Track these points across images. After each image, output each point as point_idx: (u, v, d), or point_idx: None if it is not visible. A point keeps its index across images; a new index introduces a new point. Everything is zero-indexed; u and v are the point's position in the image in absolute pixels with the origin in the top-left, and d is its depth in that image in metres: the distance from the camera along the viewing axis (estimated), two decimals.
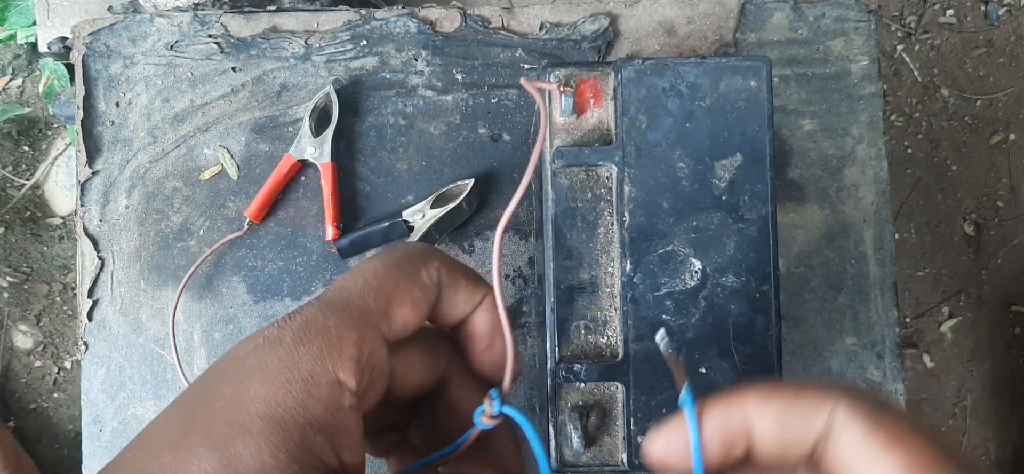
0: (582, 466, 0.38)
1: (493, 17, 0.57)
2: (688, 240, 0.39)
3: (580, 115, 0.41)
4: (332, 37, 0.57)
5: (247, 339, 0.28)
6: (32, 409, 1.34)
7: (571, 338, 0.40)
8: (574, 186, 0.40)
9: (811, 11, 0.58)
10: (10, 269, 1.34)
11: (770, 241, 0.39)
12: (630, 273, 0.39)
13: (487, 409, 0.31)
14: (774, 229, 0.39)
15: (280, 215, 0.56)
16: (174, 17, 0.57)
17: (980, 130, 1.49)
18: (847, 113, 0.57)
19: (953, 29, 1.50)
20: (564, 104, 0.40)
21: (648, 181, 0.39)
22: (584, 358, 0.39)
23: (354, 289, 0.29)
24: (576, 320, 0.40)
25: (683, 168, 0.39)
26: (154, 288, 0.56)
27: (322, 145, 0.55)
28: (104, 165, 0.56)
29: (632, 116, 0.39)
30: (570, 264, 0.40)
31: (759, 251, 0.39)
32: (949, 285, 1.47)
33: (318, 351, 0.27)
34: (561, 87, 0.40)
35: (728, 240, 0.39)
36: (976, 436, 1.45)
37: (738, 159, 0.39)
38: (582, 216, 0.40)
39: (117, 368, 0.55)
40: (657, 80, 0.39)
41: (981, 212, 1.48)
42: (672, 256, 0.39)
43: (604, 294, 0.40)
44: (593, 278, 0.40)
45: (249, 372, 0.27)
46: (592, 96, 0.41)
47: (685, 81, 0.39)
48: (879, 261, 0.57)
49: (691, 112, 0.39)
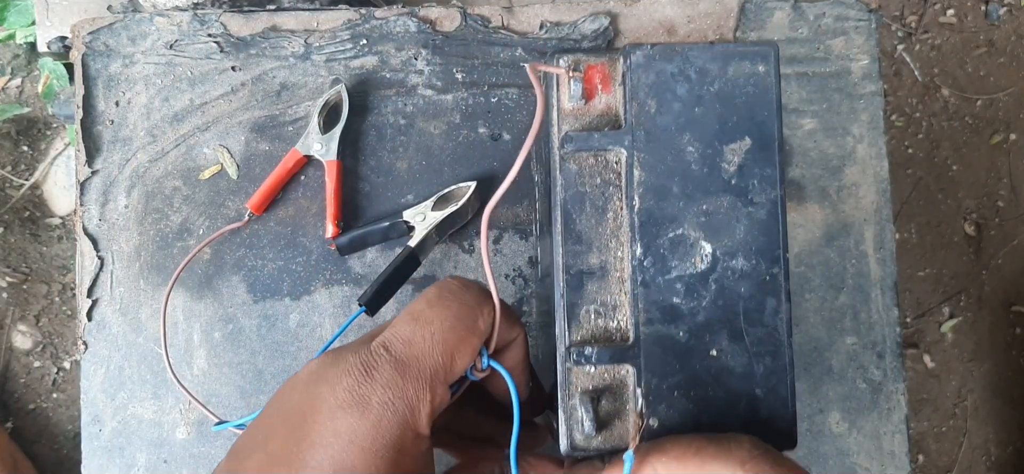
0: (593, 450, 0.38)
1: (493, 16, 0.57)
2: (698, 224, 0.39)
3: (589, 101, 0.41)
4: (332, 36, 0.57)
5: (327, 383, 0.31)
6: (31, 409, 1.34)
7: (581, 323, 0.40)
8: (583, 171, 0.40)
9: (811, 10, 0.57)
10: (9, 269, 1.34)
11: (779, 224, 0.39)
12: (640, 257, 0.39)
13: (477, 364, 0.36)
14: (783, 212, 0.39)
15: (280, 214, 0.56)
16: (173, 16, 0.57)
17: (981, 130, 1.49)
18: (848, 112, 0.57)
19: (954, 29, 1.50)
20: (573, 89, 0.41)
21: (657, 165, 0.39)
22: (594, 342, 0.39)
23: (423, 346, 0.33)
24: (586, 305, 0.40)
25: (692, 152, 0.39)
26: (153, 288, 0.55)
27: (329, 142, 0.54)
28: (103, 164, 0.56)
29: (641, 101, 0.39)
30: (580, 249, 0.40)
31: (768, 234, 0.39)
32: (949, 285, 1.47)
33: (403, 420, 0.30)
34: (569, 72, 0.40)
35: (738, 223, 0.39)
36: (976, 436, 1.45)
37: (747, 143, 0.39)
38: (591, 201, 0.40)
39: (116, 368, 0.55)
40: (666, 65, 0.39)
41: (982, 212, 1.48)
42: (682, 240, 0.39)
43: (614, 278, 0.40)
44: (603, 263, 0.40)
45: (340, 434, 0.29)
46: (600, 81, 0.41)
47: (694, 66, 0.39)
48: (880, 261, 0.56)
49: (700, 97, 0.39)
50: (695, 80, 0.39)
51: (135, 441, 0.55)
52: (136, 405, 0.55)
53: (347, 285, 0.55)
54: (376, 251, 0.56)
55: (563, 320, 0.40)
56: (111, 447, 0.55)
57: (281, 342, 0.55)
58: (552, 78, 0.42)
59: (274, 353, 0.55)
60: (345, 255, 0.55)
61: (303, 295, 0.55)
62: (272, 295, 0.55)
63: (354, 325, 0.55)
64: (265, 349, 0.55)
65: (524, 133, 0.56)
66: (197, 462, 0.54)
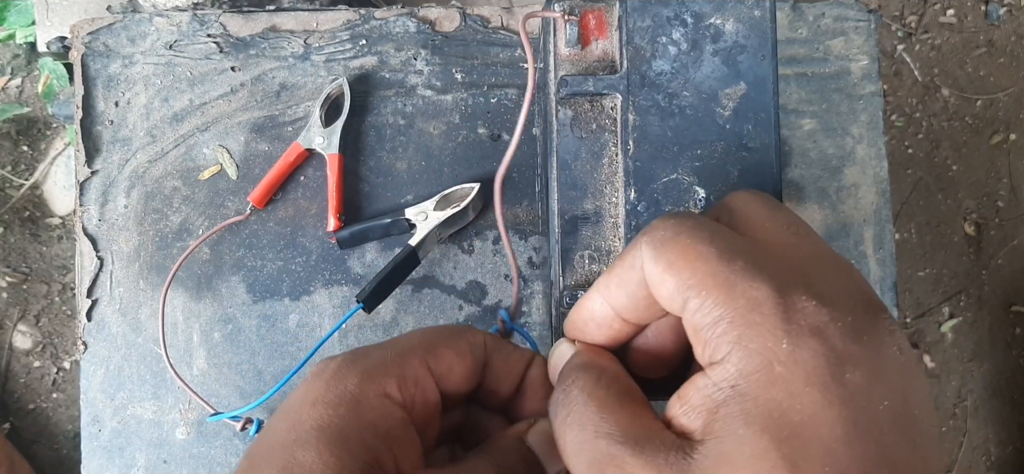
0: None
1: (492, 17, 0.57)
2: (692, 169, 0.39)
3: (585, 46, 0.41)
4: (331, 37, 0.57)
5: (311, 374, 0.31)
6: (31, 409, 1.34)
7: (576, 268, 0.40)
8: (579, 117, 0.40)
9: (811, 10, 0.57)
10: (9, 269, 1.34)
11: (775, 169, 0.39)
12: (634, 202, 0.39)
13: (499, 328, 0.37)
14: (778, 157, 0.39)
15: (280, 214, 0.56)
16: (173, 17, 0.57)
17: (980, 130, 1.49)
18: (847, 113, 0.57)
19: (954, 29, 1.50)
20: (569, 33, 0.41)
21: (652, 110, 0.39)
22: (588, 286, 0.39)
23: (398, 338, 0.32)
24: (581, 250, 0.40)
25: (687, 97, 0.39)
26: (153, 288, 0.55)
27: (331, 136, 0.54)
28: (103, 165, 0.56)
29: (637, 45, 0.39)
30: (574, 194, 0.40)
31: (763, 179, 0.39)
32: (949, 285, 1.47)
33: (361, 373, 0.29)
34: (565, 16, 0.40)
35: (732, 168, 0.39)
36: (976, 436, 1.45)
37: (742, 87, 0.39)
38: (587, 146, 0.40)
39: (116, 368, 0.55)
40: (662, 9, 0.39)
41: (981, 212, 1.48)
42: (676, 185, 0.39)
43: (608, 224, 0.40)
44: (597, 208, 0.40)
45: (299, 404, 0.29)
46: (596, 26, 0.41)
47: (689, 10, 0.39)
48: (879, 261, 0.56)
49: (695, 41, 0.39)
50: (691, 24, 0.39)
51: (135, 441, 0.55)
52: (136, 405, 0.55)
53: (347, 285, 0.55)
54: (376, 252, 0.56)
55: (558, 264, 0.40)
56: (111, 447, 0.55)
57: (281, 342, 0.55)
58: (549, 23, 0.42)
59: (274, 353, 0.55)
60: (345, 249, 0.55)
61: (303, 295, 0.55)
62: (272, 295, 0.55)
63: (353, 325, 0.56)
64: (265, 349, 0.55)
65: (524, 133, 0.56)
66: (197, 462, 0.54)
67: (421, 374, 0.31)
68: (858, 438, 0.22)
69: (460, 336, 0.33)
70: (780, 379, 0.22)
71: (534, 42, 0.52)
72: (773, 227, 0.27)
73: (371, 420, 0.28)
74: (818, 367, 0.22)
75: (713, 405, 0.23)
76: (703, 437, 0.23)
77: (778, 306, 0.23)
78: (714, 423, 0.23)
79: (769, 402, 0.22)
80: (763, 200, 0.29)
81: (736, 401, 0.23)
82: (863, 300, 0.25)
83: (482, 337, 0.33)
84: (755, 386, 0.23)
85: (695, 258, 0.25)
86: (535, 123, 0.55)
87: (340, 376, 0.29)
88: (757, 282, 0.24)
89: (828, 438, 0.22)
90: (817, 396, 0.22)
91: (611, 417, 0.26)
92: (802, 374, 0.22)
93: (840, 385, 0.22)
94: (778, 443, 0.22)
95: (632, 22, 0.39)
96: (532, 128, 0.55)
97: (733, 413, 0.23)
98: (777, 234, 0.27)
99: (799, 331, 0.23)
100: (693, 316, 0.25)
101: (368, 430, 0.28)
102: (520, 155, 0.56)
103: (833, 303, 0.23)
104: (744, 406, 0.22)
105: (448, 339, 0.32)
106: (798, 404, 0.22)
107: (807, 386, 0.22)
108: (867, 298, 0.25)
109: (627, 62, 0.39)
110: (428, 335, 0.32)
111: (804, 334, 0.23)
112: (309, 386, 0.29)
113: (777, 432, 0.22)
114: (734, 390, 0.23)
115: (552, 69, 0.41)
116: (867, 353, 0.23)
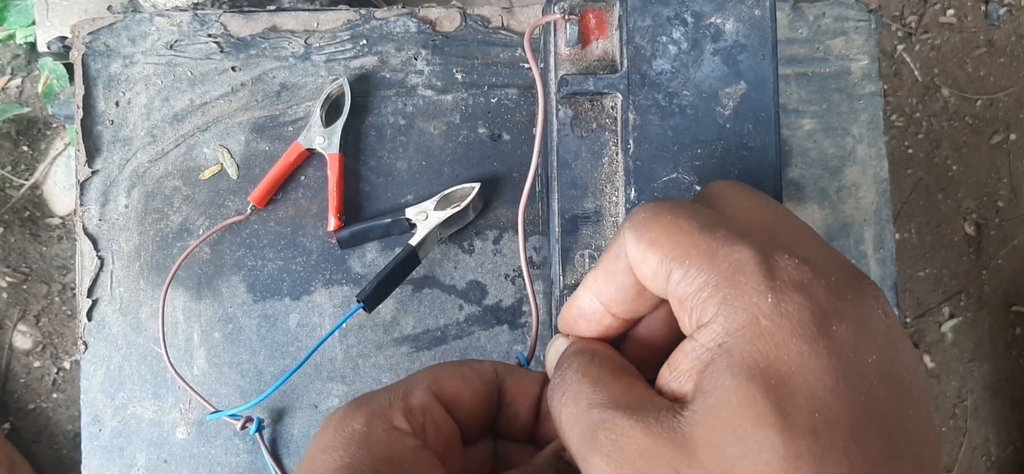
0: None
1: (493, 17, 0.57)
2: (692, 168, 0.39)
3: (585, 46, 0.41)
4: (332, 36, 0.57)
5: None
6: (31, 409, 1.34)
7: (576, 267, 0.40)
8: (580, 116, 0.40)
9: (811, 10, 0.57)
10: (9, 269, 1.34)
11: (775, 169, 0.39)
12: (634, 201, 0.39)
13: None
14: (778, 157, 0.39)
15: (280, 214, 0.56)
16: (174, 16, 0.57)
17: (981, 130, 1.49)
18: (847, 113, 0.57)
19: (954, 29, 1.50)
20: (569, 33, 0.41)
21: (653, 109, 0.39)
22: None
23: (402, 378, 0.33)
24: (581, 249, 0.40)
25: (688, 96, 0.39)
26: (153, 288, 0.55)
27: (331, 136, 0.54)
28: (103, 165, 0.56)
29: (637, 45, 0.39)
30: (575, 193, 0.40)
31: (764, 178, 0.39)
32: (949, 285, 1.47)
33: (367, 413, 0.30)
34: (566, 16, 0.41)
35: (732, 168, 0.39)
36: (977, 436, 1.45)
37: (742, 87, 0.39)
38: (587, 145, 0.40)
39: (116, 368, 0.55)
40: (662, 8, 0.40)
41: (981, 212, 1.48)
42: (676, 184, 0.39)
43: (608, 223, 0.40)
44: (598, 207, 0.40)
45: (311, 456, 0.30)
46: (596, 26, 0.41)
47: (690, 9, 0.39)
48: (879, 261, 0.56)
49: (696, 40, 0.39)
50: (691, 24, 0.39)
51: (135, 441, 0.55)
52: (136, 405, 0.55)
53: (347, 285, 0.55)
54: (376, 252, 0.56)
55: (558, 264, 0.40)
56: (111, 447, 0.55)
57: (281, 342, 0.55)
58: (549, 26, 0.42)
59: (274, 353, 0.55)
60: (346, 249, 0.55)
61: (303, 295, 0.56)
62: (272, 295, 0.55)
63: (354, 325, 0.56)
64: (265, 349, 0.55)
65: (524, 133, 0.56)
66: (197, 462, 0.54)
67: (428, 402, 0.31)
68: (847, 389, 0.22)
69: (464, 363, 0.33)
70: (766, 332, 0.22)
71: (535, 43, 0.52)
72: (752, 208, 0.28)
73: (382, 454, 0.29)
74: (804, 319, 0.22)
75: (701, 365, 0.23)
76: (693, 397, 0.23)
77: (761, 265, 0.23)
78: (703, 381, 0.23)
79: (756, 354, 0.22)
80: (742, 187, 0.29)
81: (723, 357, 0.23)
82: (845, 267, 0.25)
83: (489, 364, 0.34)
84: (741, 341, 0.23)
85: (676, 231, 0.25)
86: (535, 123, 0.55)
87: (346, 420, 0.30)
88: (739, 246, 0.24)
89: (817, 387, 0.22)
90: (804, 347, 0.22)
91: (604, 389, 0.26)
92: (788, 326, 0.22)
93: (827, 336, 0.22)
94: (766, 391, 0.22)
95: (632, 22, 0.39)
96: (532, 128, 0.55)
97: (720, 368, 0.23)
98: (756, 213, 0.27)
99: (783, 286, 0.23)
100: (677, 287, 0.25)
101: (381, 463, 0.28)
102: (520, 155, 0.56)
103: (816, 266, 0.24)
104: (731, 360, 0.22)
105: (451, 367, 0.33)
106: (785, 354, 0.22)
107: (793, 337, 0.22)
108: (849, 267, 0.25)
109: (627, 61, 0.39)
110: (431, 368, 0.33)
111: (788, 289, 0.23)
112: (318, 437, 0.30)
113: (764, 381, 0.22)
114: (721, 347, 0.23)
115: (552, 69, 0.41)
116: (852, 310, 0.23)
